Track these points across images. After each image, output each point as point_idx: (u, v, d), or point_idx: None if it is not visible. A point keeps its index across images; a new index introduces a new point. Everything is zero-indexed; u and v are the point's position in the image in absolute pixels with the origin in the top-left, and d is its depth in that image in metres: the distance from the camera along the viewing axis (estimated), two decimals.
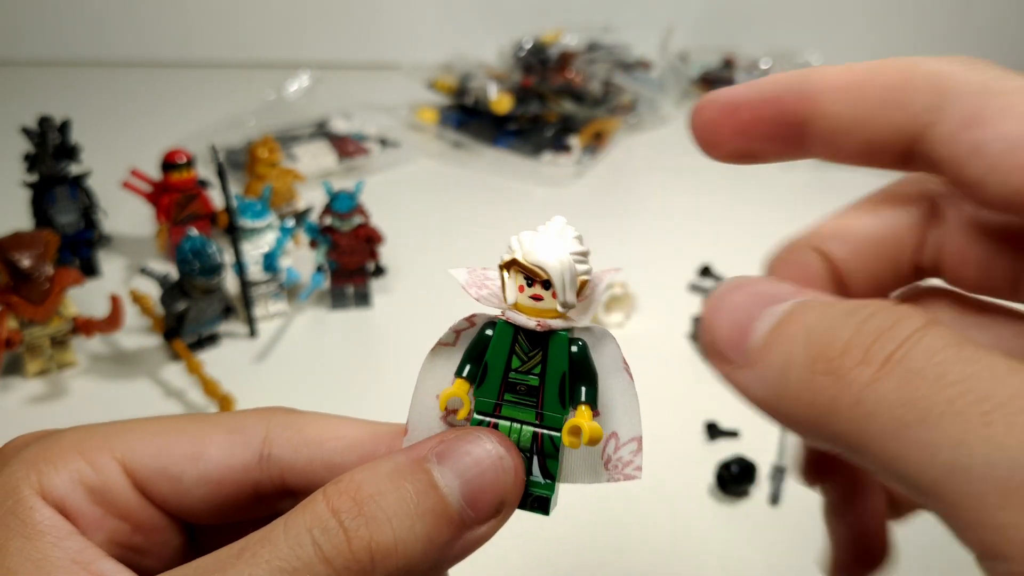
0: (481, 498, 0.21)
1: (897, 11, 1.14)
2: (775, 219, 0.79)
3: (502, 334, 0.23)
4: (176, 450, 0.24)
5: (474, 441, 0.21)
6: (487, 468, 0.21)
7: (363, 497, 0.20)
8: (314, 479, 0.24)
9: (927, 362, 0.16)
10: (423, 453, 0.21)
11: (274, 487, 0.24)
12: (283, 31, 1.11)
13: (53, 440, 0.24)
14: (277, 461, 0.24)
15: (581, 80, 0.91)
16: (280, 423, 0.25)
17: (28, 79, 1.05)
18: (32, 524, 0.21)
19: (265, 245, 0.60)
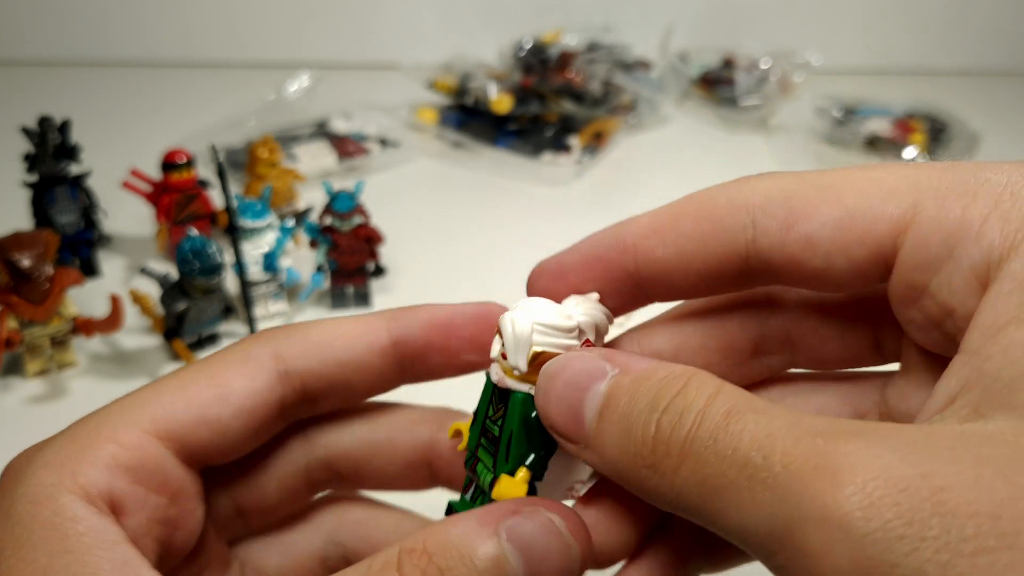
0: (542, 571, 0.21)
1: (897, 11, 1.14)
2: None
3: (488, 383, 0.25)
4: (203, 396, 0.25)
5: (545, 528, 0.21)
6: (555, 551, 0.21)
7: (434, 570, 0.20)
8: (329, 378, 0.26)
9: (709, 441, 0.18)
10: (494, 526, 0.21)
11: (296, 396, 0.26)
12: (283, 31, 1.11)
13: (70, 436, 0.23)
14: (295, 372, 0.26)
15: (581, 80, 0.91)
16: (284, 338, 0.26)
17: (28, 79, 1.05)
18: (76, 537, 0.21)
19: (265, 245, 0.60)
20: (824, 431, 0.17)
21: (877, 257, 0.21)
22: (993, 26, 1.15)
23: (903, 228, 0.20)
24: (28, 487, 0.22)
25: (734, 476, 0.18)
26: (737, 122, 0.97)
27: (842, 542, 0.16)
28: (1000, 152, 0.93)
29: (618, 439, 0.20)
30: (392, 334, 0.27)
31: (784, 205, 0.22)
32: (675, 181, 0.86)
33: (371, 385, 0.28)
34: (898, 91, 1.00)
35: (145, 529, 0.23)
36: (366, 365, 0.27)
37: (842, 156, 0.89)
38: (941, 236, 0.20)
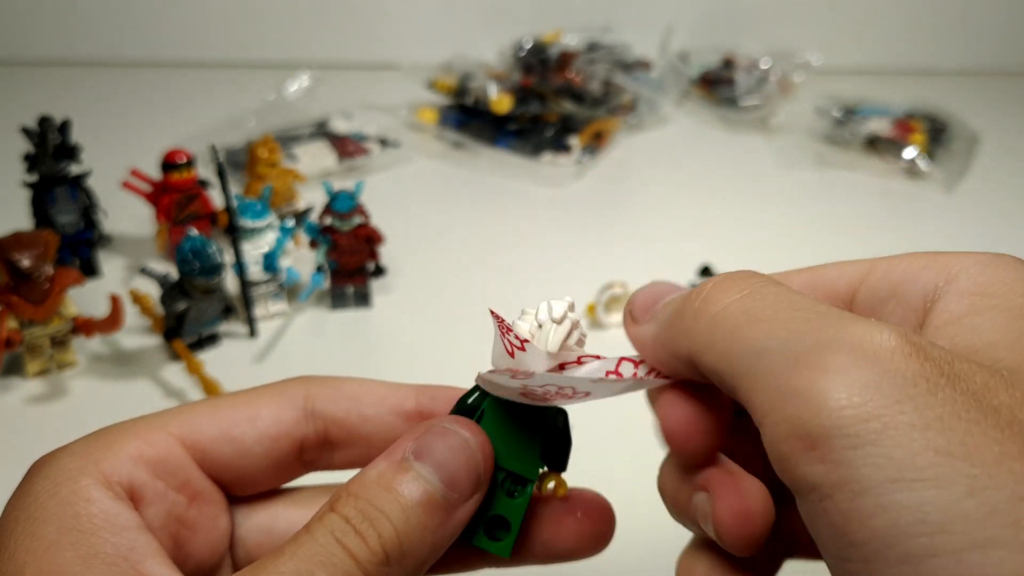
0: (459, 480, 0.24)
1: (897, 11, 1.14)
2: (775, 219, 0.79)
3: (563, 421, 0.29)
4: (233, 416, 0.27)
5: (440, 433, 0.24)
6: (459, 452, 0.24)
7: (361, 503, 0.23)
8: (352, 430, 0.28)
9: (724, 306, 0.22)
10: (401, 455, 0.24)
11: (318, 439, 0.28)
12: (283, 31, 1.11)
13: (100, 433, 0.25)
14: (321, 414, 0.28)
15: (581, 80, 0.91)
16: (318, 384, 0.28)
17: (28, 79, 1.05)
18: (87, 517, 0.22)
19: (265, 245, 0.60)
20: None
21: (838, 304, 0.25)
22: (993, 26, 1.15)
23: (858, 283, 0.25)
24: (51, 470, 0.23)
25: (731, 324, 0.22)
26: (737, 122, 0.97)
27: None
28: (1000, 152, 0.93)
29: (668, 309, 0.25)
30: (418, 404, 0.29)
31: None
32: (675, 181, 0.86)
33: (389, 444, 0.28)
34: (898, 91, 1.00)
35: (162, 522, 0.25)
36: (388, 426, 0.28)
37: (842, 156, 0.89)
38: (887, 283, 0.25)
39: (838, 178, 0.86)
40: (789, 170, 0.87)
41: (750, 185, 0.85)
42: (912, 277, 0.24)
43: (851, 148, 0.89)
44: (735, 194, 0.83)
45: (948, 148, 0.89)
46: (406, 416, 0.29)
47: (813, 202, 0.82)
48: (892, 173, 0.86)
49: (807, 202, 0.82)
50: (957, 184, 0.85)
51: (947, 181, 0.84)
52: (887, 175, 0.86)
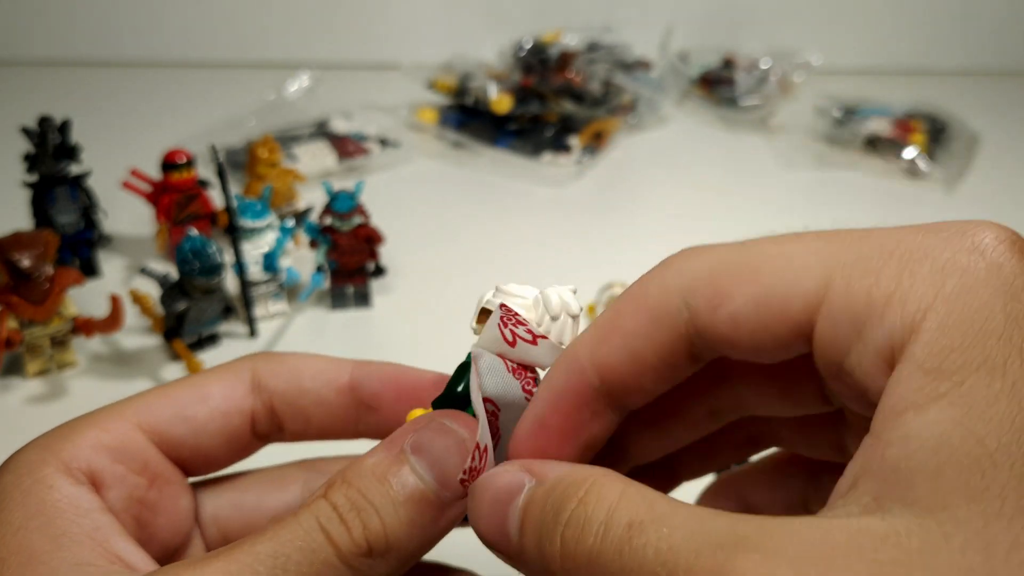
0: (452, 478, 0.23)
1: (897, 11, 1.14)
2: (775, 219, 0.79)
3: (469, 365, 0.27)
4: (184, 398, 0.27)
5: (438, 430, 0.24)
6: (454, 451, 0.24)
7: (352, 491, 0.23)
8: (292, 402, 0.28)
9: (615, 556, 0.19)
10: (399, 447, 0.24)
11: (265, 411, 0.28)
12: (283, 31, 1.11)
13: (63, 425, 0.26)
14: (266, 388, 0.28)
15: (581, 80, 0.91)
16: (264, 359, 0.29)
17: (28, 79, 1.05)
18: (51, 503, 0.23)
19: (265, 245, 0.60)
20: (724, 542, 0.18)
21: (797, 333, 0.22)
22: (993, 26, 1.15)
23: (815, 306, 0.21)
24: (15, 463, 0.24)
25: None
26: (737, 122, 0.97)
27: None
28: (1000, 152, 0.93)
29: (535, 552, 0.21)
30: (352, 378, 0.29)
31: (710, 285, 0.23)
32: (675, 181, 0.86)
33: (326, 421, 0.29)
34: (898, 91, 1.00)
35: (124, 504, 0.25)
36: (324, 399, 0.29)
37: (842, 156, 0.89)
38: (849, 316, 0.20)
39: (838, 178, 0.86)
40: (789, 170, 0.87)
41: (750, 185, 0.85)
42: (877, 316, 0.20)
43: (851, 148, 0.89)
44: (735, 194, 0.83)
45: (948, 148, 0.89)
46: (339, 390, 0.29)
47: (813, 202, 0.82)
48: (892, 173, 0.86)
49: (807, 202, 0.82)
50: (957, 184, 0.85)
51: (947, 181, 0.84)
52: (887, 175, 0.86)
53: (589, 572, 0.19)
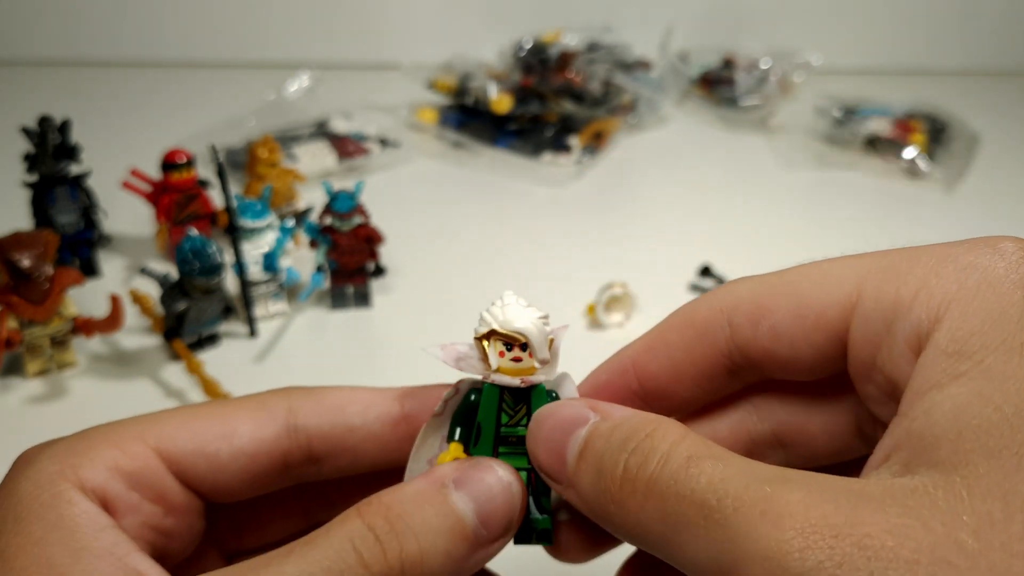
0: (493, 519, 0.24)
1: (897, 11, 1.14)
2: (775, 219, 0.79)
3: (490, 395, 0.26)
4: (209, 431, 0.26)
5: (486, 469, 0.25)
6: (498, 493, 0.24)
7: (392, 516, 0.23)
8: (337, 442, 0.28)
9: (671, 482, 0.20)
10: (442, 479, 0.24)
11: (302, 454, 0.27)
12: (283, 31, 1.11)
13: (80, 437, 0.25)
14: (304, 429, 0.27)
15: (581, 80, 0.91)
16: (300, 397, 0.28)
17: (28, 79, 1.05)
18: (70, 517, 0.23)
19: (265, 245, 0.60)
20: (772, 479, 0.19)
21: (834, 339, 0.24)
22: (993, 26, 1.15)
23: (850, 310, 0.23)
24: (33, 472, 0.24)
25: (692, 515, 0.20)
26: (737, 122, 0.97)
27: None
28: (1000, 152, 0.93)
29: (592, 478, 0.23)
30: (404, 408, 0.28)
31: (753, 302, 0.25)
32: (675, 181, 0.86)
33: (378, 455, 0.28)
34: (898, 91, 1.00)
35: (137, 532, 0.25)
36: (376, 435, 0.28)
37: (842, 156, 0.89)
38: (880, 314, 0.23)
39: (838, 178, 0.86)
40: (789, 170, 0.87)
41: (750, 185, 0.85)
42: (905, 310, 0.22)
43: (851, 148, 0.89)
44: (735, 194, 0.83)
45: (948, 148, 0.89)
46: (393, 423, 0.28)
47: (813, 202, 0.82)
48: (892, 173, 0.86)
49: (807, 202, 0.82)
50: (957, 184, 0.85)
51: (947, 181, 0.84)
52: (887, 175, 0.86)
53: (646, 496, 0.21)
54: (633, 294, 0.61)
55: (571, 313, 0.62)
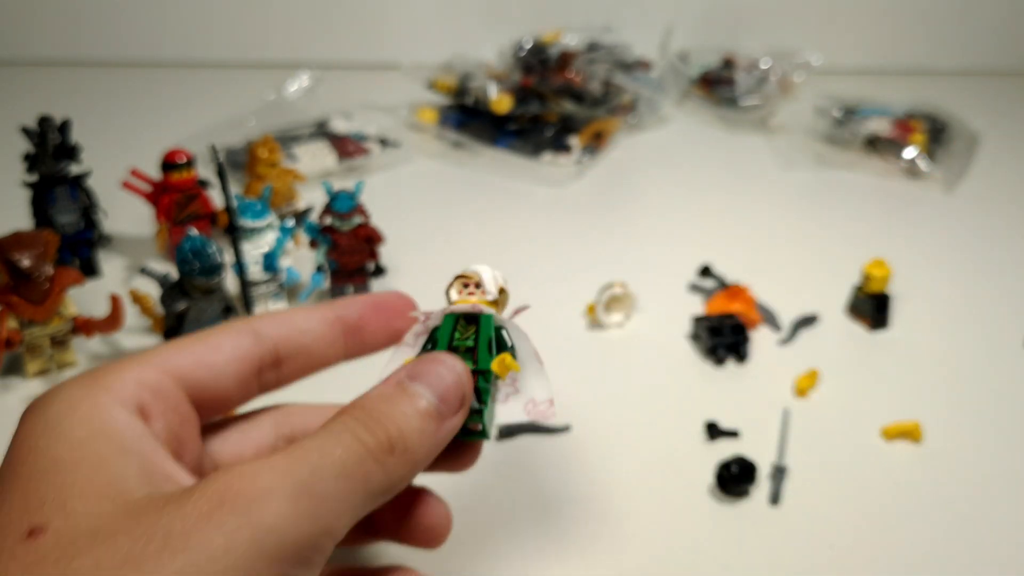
0: (450, 397, 0.30)
1: (897, 11, 1.14)
2: (775, 219, 0.79)
3: (447, 321, 0.33)
4: (201, 348, 0.31)
5: (434, 361, 0.30)
6: (448, 375, 0.30)
7: (370, 408, 0.28)
8: (293, 343, 0.33)
9: None
10: (398, 377, 0.30)
11: (269, 357, 0.33)
12: (283, 31, 1.11)
13: (94, 369, 0.29)
14: (268, 337, 0.33)
15: (581, 80, 0.91)
16: (258, 317, 0.34)
17: (28, 79, 1.05)
18: (112, 422, 0.26)
19: (265, 245, 0.60)
20: None
21: None
22: (993, 26, 1.15)
23: None
24: (62, 395, 0.27)
25: None
26: (737, 122, 0.97)
27: None
28: (1000, 152, 0.93)
29: None
30: (336, 312, 0.35)
31: None
32: (675, 181, 0.86)
33: (325, 351, 0.35)
34: (898, 91, 1.00)
35: (165, 437, 0.28)
36: (319, 333, 0.34)
37: (842, 156, 0.89)
38: None
39: (838, 178, 0.86)
40: (789, 170, 0.87)
41: (750, 185, 0.85)
42: None
43: (851, 148, 0.89)
44: (735, 194, 0.83)
45: (948, 148, 0.89)
46: (331, 323, 0.34)
47: (813, 202, 0.82)
48: (892, 173, 0.86)
49: (807, 202, 0.82)
50: (957, 184, 0.85)
51: (947, 181, 0.84)
52: (887, 175, 0.86)
53: None
54: (633, 294, 0.61)
55: (571, 313, 0.62)
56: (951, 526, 0.45)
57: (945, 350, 0.60)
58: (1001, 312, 0.64)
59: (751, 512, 0.45)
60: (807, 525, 0.45)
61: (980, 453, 0.50)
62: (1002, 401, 0.54)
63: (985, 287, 0.68)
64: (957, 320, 0.63)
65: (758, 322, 0.61)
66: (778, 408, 0.53)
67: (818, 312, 0.62)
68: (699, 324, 0.59)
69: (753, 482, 0.46)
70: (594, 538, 0.44)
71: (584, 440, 0.50)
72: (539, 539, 0.43)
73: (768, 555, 0.43)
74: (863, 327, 0.61)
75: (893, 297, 0.63)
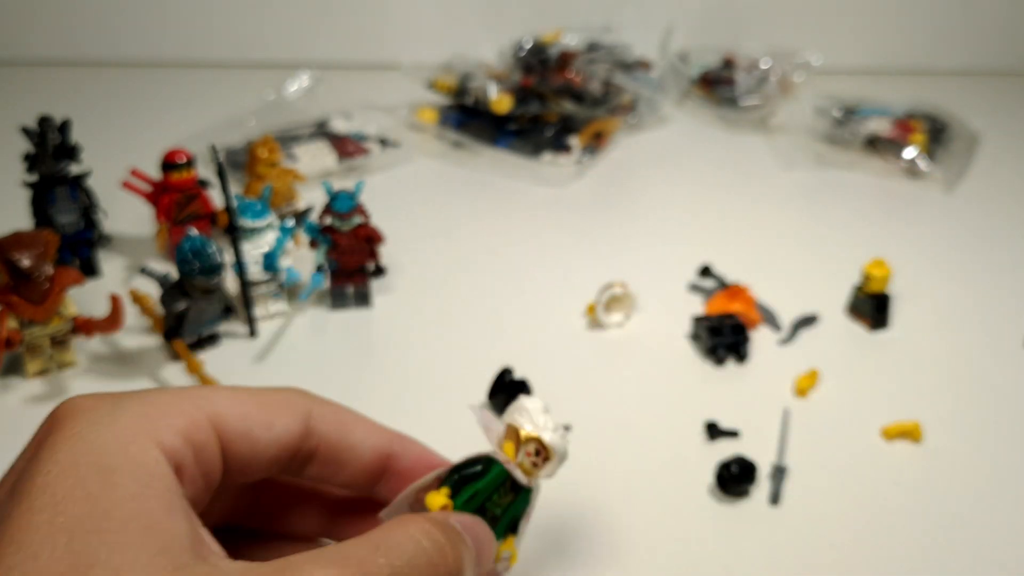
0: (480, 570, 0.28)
1: (897, 11, 1.14)
2: (775, 219, 0.79)
3: (497, 474, 0.31)
4: (255, 418, 0.29)
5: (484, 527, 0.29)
6: (487, 548, 0.29)
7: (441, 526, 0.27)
8: (335, 454, 0.31)
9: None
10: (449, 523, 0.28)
11: (309, 454, 0.31)
12: (283, 31, 1.11)
13: (145, 397, 0.27)
14: (317, 433, 0.30)
15: (581, 80, 0.91)
16: (319, 405, 0.31)
17: (28, 79, 1.05)
18: (160, 477, 0.24)
19: (265, 245, 0.60)
20: None
21: None
22: (993, 26, 1.15)
23: None
24: (112, 423, 0.25)
25: None
26: (737, 122, 0.97)
27: None
28: (1000, 152, 0.93)
29: None
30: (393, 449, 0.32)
31: None
32: (675, 181, 0.86)
33: (356, 478, 0.32)
34: (898, 91, 1.00)
35: (190, 499, 0.26)
36: (364, 459, 0.32)
37: (842, 156, 0.89)
38: None
39: (838, 178, 0.86)
40: (789, 170, 0.87)
41: (750, 185, 0.85)
42: None
43: (851, 148, 0.89)
44: (735, 194, 0.83)
45: (948, 148, 0.89)
46: (380, 456, 0.32)
47: (813, 202, 0.82)
48: (892, 173, 0.86)
49: (807, 202, 0.82)
50: (957, 184, 0.85)
51: (947, 181, 0.84)
52: (887, 175, 0.86)
53: None
54: (633, 294, 0.61)
55: (571, 313, 0.62)
56: (951, 526, 0.45)
57: (945, 350, 0.60)
58: (1001, 312, 0.64)
59: (751, 512, 0.45)
60: (807, 525, 0.45)
61: (980, 453, 0.50)
62: (1002, 401, 0.54)
63: (985, 287, 0.68)
64: (957, 320, 0.63)
65: (758, 322, 0.61)
66: (778, 408, 0.53)
67: (818, 312, 0.62)
68: (699, 324, 0.59)
69: (753, 482, 0.46)
70: (594, 538, 0.44)
71: (584, 440, 0.50)
72: (539, 539, 0.43)
73: (768, 555, 0.43)
74: (863, 327, 0.61)
75: (893, 297, 0.63)
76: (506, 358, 0.55)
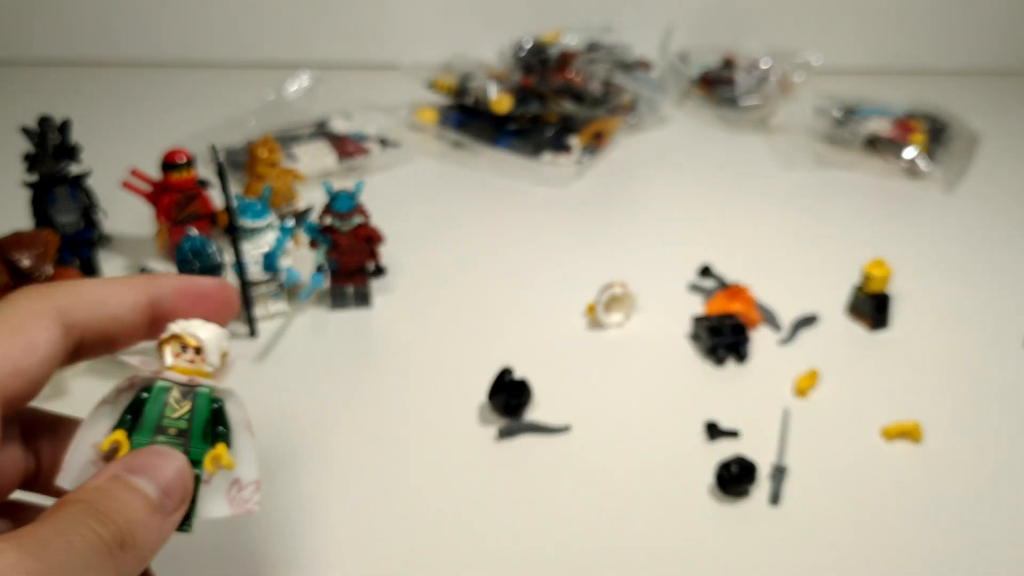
0: (172, 492, 0.28)
1: (897, 11, 1.14)
2: (775, 219, 0.79)
3: (159, 391, 0.30)
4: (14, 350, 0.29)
5: (156, 454, 0.29)
6: (168, 469, 0.29)
7: (94, 502, 0.27)
8: (102, 331, 0.32)
9: None
10: (114, 472, 0.28)
11: (75, 346, 0.31)
12: (283, 31, 1.11)
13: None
14: (76, 326, 0.31)
15: (581, 80, 0.91)
16: (62, 295, 0.31)
17: (28, 79, 1.05)
18: None
19: (265, 245, 0.60)
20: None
21: None
22: (993, 26, 1.15)
23: None
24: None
25: None
26: (737, 122, 0.97)
27: None
28: (1000, 152, 0.93)
29: None
30: (149, 295, 0.32)
31: None
32: (675, 181, 0.86)
33: (127, 339, 0.33)
34: (898, 91, 1.00)
35: None
36: (129, 321, 0.32)
37: (842, 156, 0.89)
38: None
39: (838, 178, 0.86)
40: (789, 170, 0.87)
41: (750, 185, 0.85)
42: None
43: (851, 148, 0.89)
44: (735, 194, 0.83)
45: (948, 148, 0.89)
46: (142, 310, 0.32)
47: (813, 202, 0.82)
48: (892, 173, 0.86)
49: (807, 202, 0.82)
50: (957, 184, 0.85)
51: (947, 181, 0.84)
52: (887, 175, 0.86)
53: None
54: (633, 294, 0.61)
55: (571, 313, 0.62)
56: (951, 526, 0.45)
57: (945, 350, 0.60)
58: (1001, 312, 0.64)
59: (751, 512, 0.45)
60: (807, 525, 0.45)
61: (980, 453, 0.50)
62: (1002, 401, 0.54)
63: (985, 287, 0.68)
64: (957, 320, 0.63)
65: (758, 322, 0.61)
66: (778, 408, 0.53)
67: (818, 312, 0.63)
68: (699, 324, 0.59)
69: (753, 482, 0.46)
70: (594, 538, 0.44)
71: (584, 440, 0.50)
72: (538, 539, 0.43)
73: (768, 555, 0.43)
74: (863, 327, 0.62)
75: (893, 297, 0.63)
76: (506, 358, 0.55)
